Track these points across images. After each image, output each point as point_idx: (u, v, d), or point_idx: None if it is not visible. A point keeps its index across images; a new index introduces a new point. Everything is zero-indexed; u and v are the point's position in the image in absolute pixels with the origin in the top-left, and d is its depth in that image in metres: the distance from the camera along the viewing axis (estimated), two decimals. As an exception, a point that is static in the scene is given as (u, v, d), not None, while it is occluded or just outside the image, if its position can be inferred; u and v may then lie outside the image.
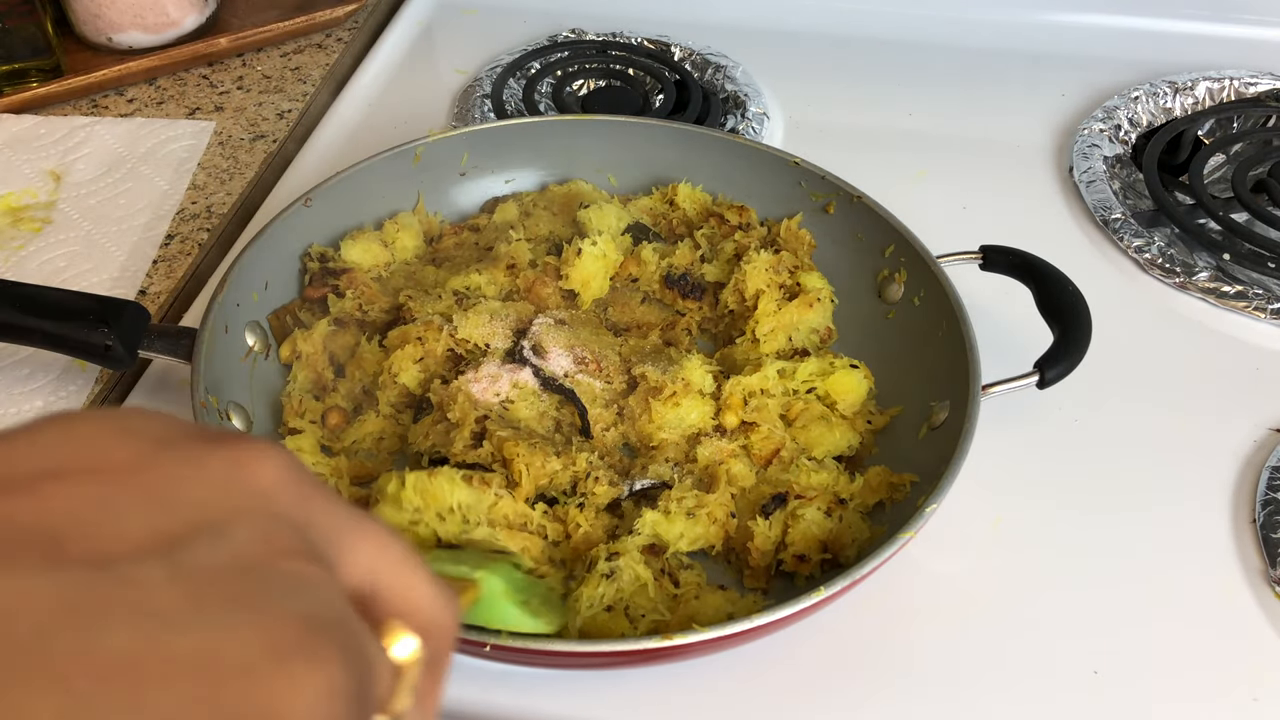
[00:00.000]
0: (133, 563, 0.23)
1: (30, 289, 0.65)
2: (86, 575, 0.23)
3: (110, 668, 0.22)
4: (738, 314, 0.72)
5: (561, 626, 0.54)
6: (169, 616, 0.23)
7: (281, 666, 0.23)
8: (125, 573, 0.23)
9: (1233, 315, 0.79)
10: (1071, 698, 0.58)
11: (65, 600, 0.22)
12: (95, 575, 0.23)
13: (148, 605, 0.23)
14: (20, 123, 0.91)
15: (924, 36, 1.07)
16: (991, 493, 0.66)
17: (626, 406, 0.66)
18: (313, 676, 0.24)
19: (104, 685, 0.21)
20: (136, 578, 0.23)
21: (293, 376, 0.68)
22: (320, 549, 0.27)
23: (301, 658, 0.24)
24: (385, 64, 1.03)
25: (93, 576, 0.23)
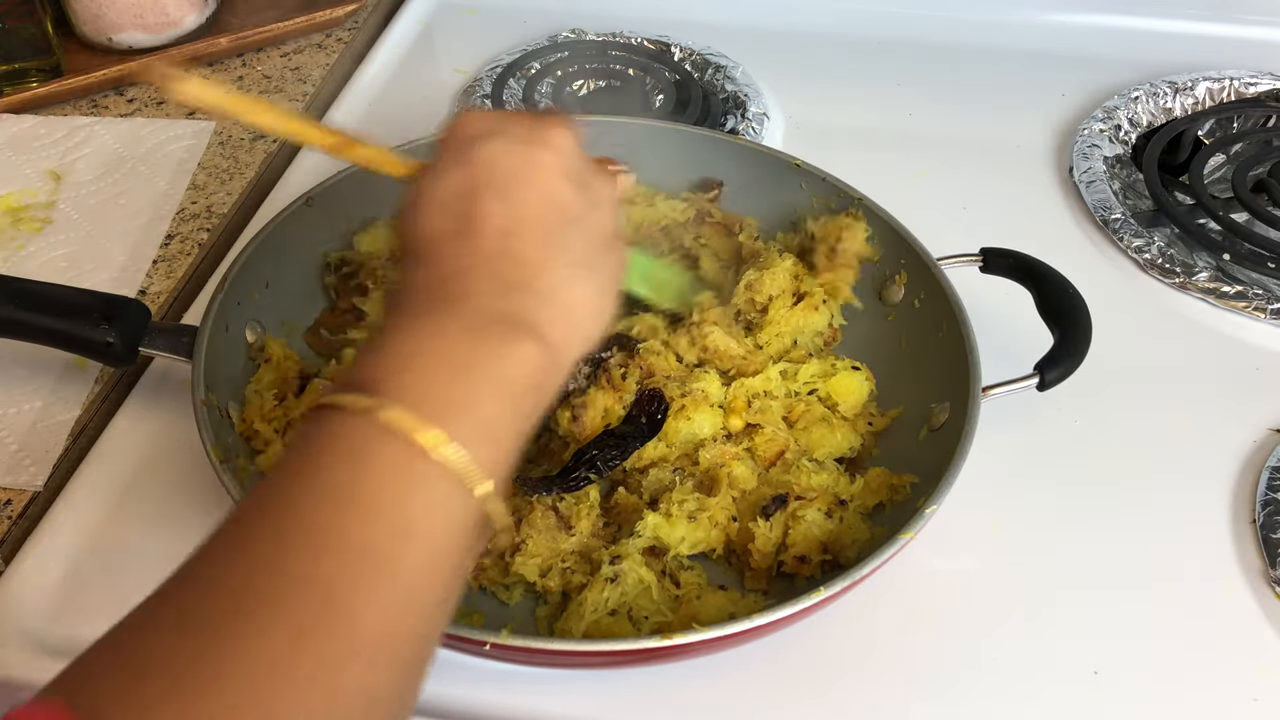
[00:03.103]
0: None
1: (32, 285, 0.65)
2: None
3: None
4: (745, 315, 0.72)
5: (676, 304, 0.68)
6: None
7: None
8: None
9: (1233, 315, 0.79)
10: (1071, 698, 0.58)
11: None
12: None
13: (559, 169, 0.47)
14: (20, 123, 0.91)
15: (924, 36, 1.07)
16: (991, 494, 0.66)
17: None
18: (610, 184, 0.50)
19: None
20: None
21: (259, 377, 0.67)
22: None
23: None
24: (385, 64, 1.03)
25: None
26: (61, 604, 0.60)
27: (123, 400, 0.71)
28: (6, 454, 0.66)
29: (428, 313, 0.43)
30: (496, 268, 0.44)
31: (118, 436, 0.69)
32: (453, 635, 0.51)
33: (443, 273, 0.44)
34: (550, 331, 0.44)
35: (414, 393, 0.40)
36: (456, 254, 0.44)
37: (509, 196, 0.45)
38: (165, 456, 0.67)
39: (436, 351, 0.42)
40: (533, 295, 0.44)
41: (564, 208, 0.46)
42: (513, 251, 0.44)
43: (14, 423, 0.68)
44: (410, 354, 0.42)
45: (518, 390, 0.43)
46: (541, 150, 0.46)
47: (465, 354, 0.42)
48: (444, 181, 0.46)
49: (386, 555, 0.37)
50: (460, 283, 0.44)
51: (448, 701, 0.56)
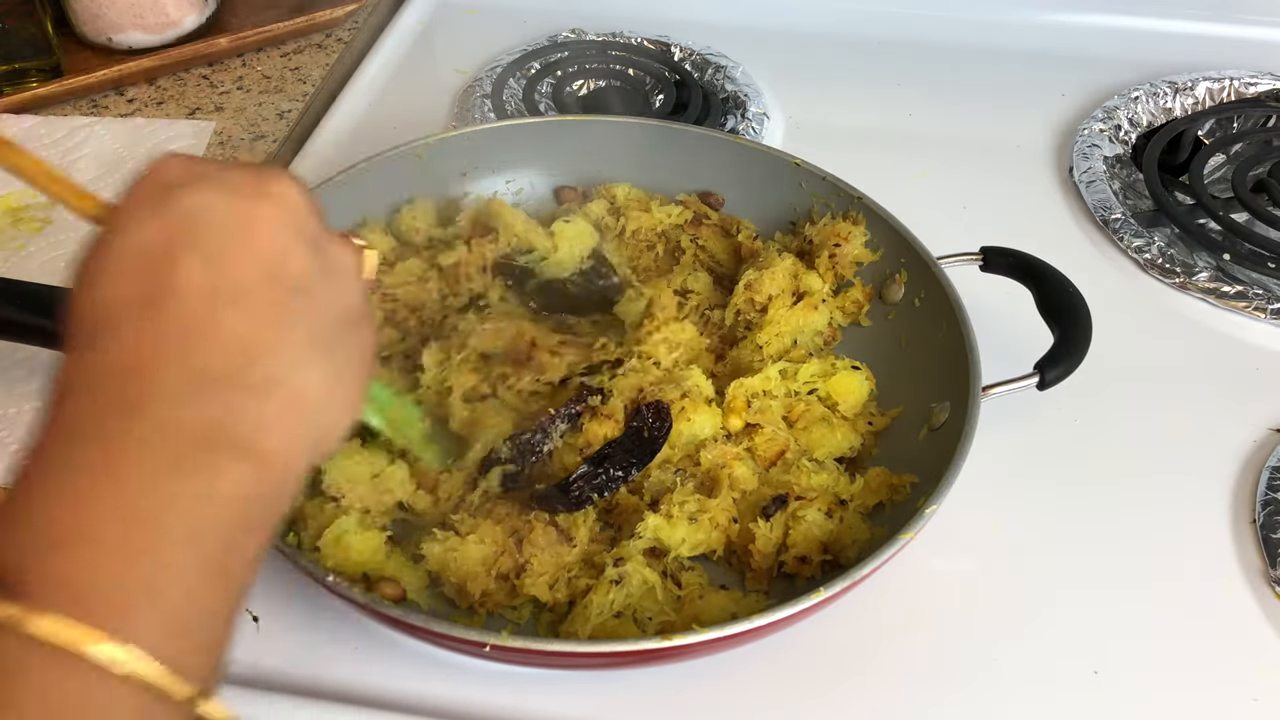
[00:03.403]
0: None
1: (31, 286, 0.65)
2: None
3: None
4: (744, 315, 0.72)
5: (414, 447, 0.61)
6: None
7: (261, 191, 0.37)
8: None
9: (1233, 315, 0.79)
10: (1071, 698, 0.58)
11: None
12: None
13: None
14: (20, 123, 0.91)
15: (924, 36, 1.07)
16: (991, 494, 0.66)
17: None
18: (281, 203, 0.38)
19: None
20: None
21: None
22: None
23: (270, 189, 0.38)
24: (385, 64, 1.03)
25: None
26: (61, 604, 0.60)
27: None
28: (6, 454, 0.66)
29: (94, 441, 0.32)
30: (194, 352, 0.34)
31: (118, 437, 0.69)
32: (453, 637, 0.51)
33: (119, 363, 0.33)
34: (267, 440, 0.34)
35: (78, 583, 0.30)
36: (138, 334, 0.34)
37: (218, 257, 0.35)
38: (165, 457, 0.67)
39: (108, 510, 0.31)
40: (243, 392, 0.34)
41: (291, 273, 0.37)
42: (219, 326, 0.34)
43: (14, 423, 0.68)
44: (69, 518, 0.31)
45: (228, 540, 0.33)
46: (263, 203, 0.37)
47: (150, 507, 0.31)
48: (133, 235, 0.35)
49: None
50: (141, 382, 0.33)
51: (448, 702, 0.56)
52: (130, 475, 0.32)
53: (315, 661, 0.58)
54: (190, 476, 0.32)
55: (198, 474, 0.33)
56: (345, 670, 0.57)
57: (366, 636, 0.59)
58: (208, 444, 0.33)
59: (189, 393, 0.33)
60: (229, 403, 0.34)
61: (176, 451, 0.32)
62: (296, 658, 0.58)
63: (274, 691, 0.55)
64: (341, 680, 0.57)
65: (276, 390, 0.35)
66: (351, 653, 0.58)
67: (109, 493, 0.31)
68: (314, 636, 0.59)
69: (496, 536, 0.58)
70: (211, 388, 0.34)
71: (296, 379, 0.36)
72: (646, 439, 0.63)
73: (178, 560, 0.32)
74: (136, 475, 0.32)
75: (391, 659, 0.58)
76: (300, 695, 0.55)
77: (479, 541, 0.58)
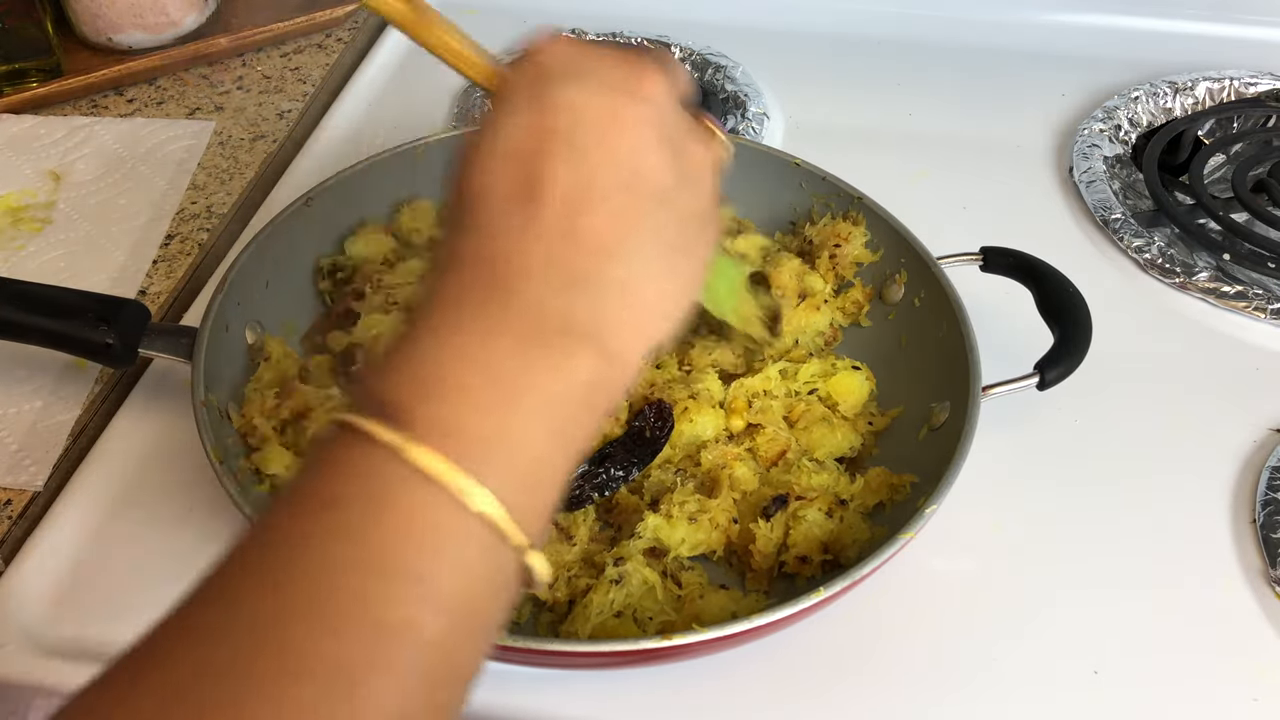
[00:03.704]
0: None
1: (30, 286, 0.65)
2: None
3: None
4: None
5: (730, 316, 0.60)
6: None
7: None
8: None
9: (1233, 315, 0.79)
10: (1071, 698, 0.58)
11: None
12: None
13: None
14: (20, 123, 0.91)
15: (924, 36, 1.07)
16: (991, 494, 0.66)
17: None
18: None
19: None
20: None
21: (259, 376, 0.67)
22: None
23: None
24: (385, 64, 1.03)
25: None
26: (61, 604, 0.60)
27: (122, 401, 0.71)
28: (6, 454, 0.66)
29: (472, 310, 0.37)
30: (559, 251, 0.37)
31: (118, 437, 0.69)
32: (453, 635, 0.51)
33: (494, 250, 0.37)
34: (614, 339, 0.38)
35: (450, 426, 0.34)
36: (511, 227, 0.37)
37: (586, 158, 0.37)
38: (165, 456, 0.67)
39: (480, 368, 0.35)
40: (599, 291, 0.37)
41: (652, 178, 0.39)
42: (580, 231, 0.37)
43: (14, 423, 0.68)
44: (448, 370, 0.35)
45: (571, 415, 0.37)
46: (634, 103, 0.38)
47: (514, 372, 0.36)
48: (510, 127, 0.38)
49: (410, 627, 0.32)
50: (513, 268, 0.37)
51: (448, 701, 0.56)
52: (500, 344, 0.36)
53: (315, 661, 0.58)
54: (549, 355, 0.36)
55: (554, 354, 0.36)
56: (345, 670, 0.57)
57: (366, 636, 0.58)
58: (564, 330, 0.37)
59: (551, 288, 0.37)
60: (585, 299, 0.37)
61: (539, 332, 0.36)
62: (296, 658, 0.58)
63: (274, 691, 0.55)
64: (341, 680, 0.57)
65: (626, 293, 0.38)
66: (351, 653, 0.58)
67: (482, 355, 0.36)
68: (314, 636, 0.59)
69: None
70: (570, 286, 0.37)
71: (646, 284, 0.39)
72: (648, 439, 0.63)
73: (532, 423, 0.36)
74: (506, 345, 0.36)
75: (391, 659, 0.58)
76: (300, 695, 0.55)
77: None
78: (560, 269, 0.37)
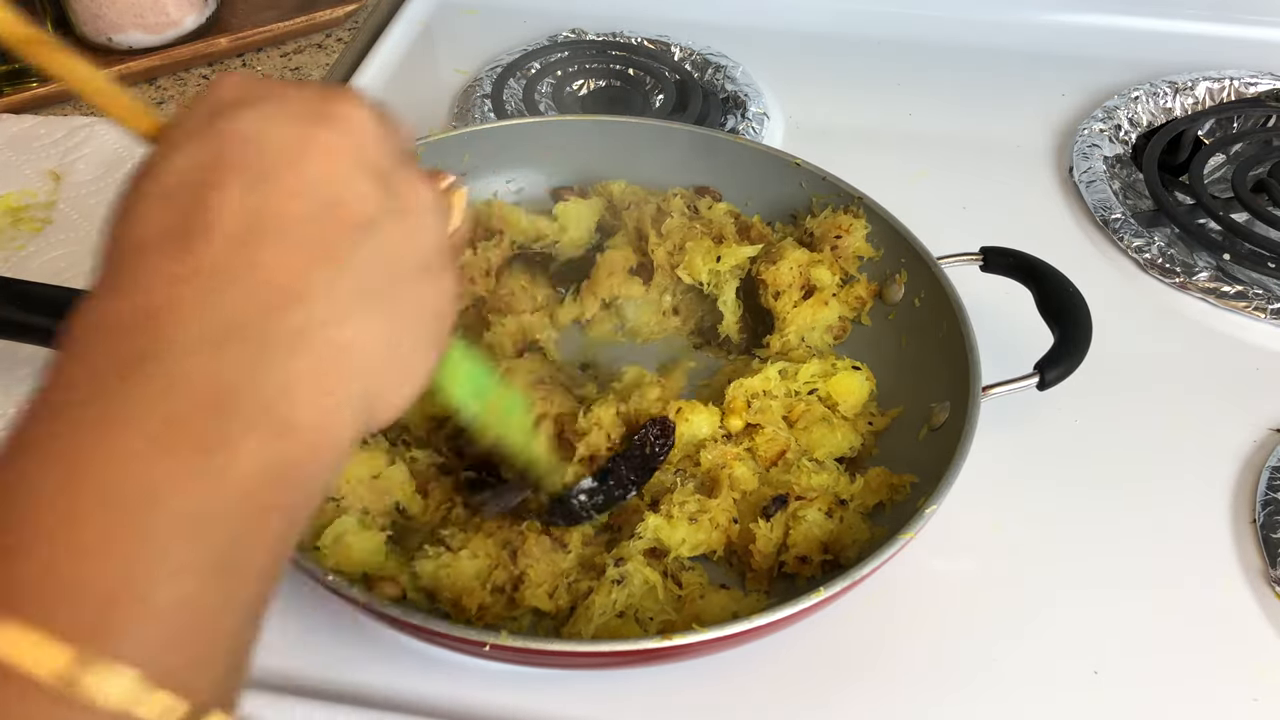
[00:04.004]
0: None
1: (31, 286, 0.65)
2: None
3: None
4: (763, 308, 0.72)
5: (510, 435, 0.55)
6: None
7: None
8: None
9: (1233, 315, 0.79)
10: (1071, 698, 0.58)
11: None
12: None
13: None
14: (20, 123, 0.91)
15: (924, 36, 1.07)
16: (991, 494, 0.66)
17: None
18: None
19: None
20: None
21: None
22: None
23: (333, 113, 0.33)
24: (385, 64, 1.03)
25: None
26: (61, 604, 0.60)
27: (123, 400, 0.71)
28: (6, 454, 0.66)
29: (94, 398, 0.27)
30: (218, 297, 0.29)
31: (118, 436, 0.69)
32: (453, 636, 0.51)
33: (134, 309, 0.28)
34: (296, 405, 0.29)
35: (50, 585, 0.24)
36: (161, 274, 0.29)
37: (263, 184, 0.30)
38: (165, 456, 0.67)
39: (96, 489, 0.26)
40: (272, 342, 0.29)
41: (348, 207, 0.31)
42: (252, 267, 0.29)
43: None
44: (47, 502, 0.25)
45: (240, 528, 0.27)
46: (323, 127, 0.32)
47: (139, 487, 0.26)
48: (174, 159, 0.31)
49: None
50: (157, 328, 0.28)
51: (447, 702, 0.56)
52: (124, 447, 0.26)
53: (314, 661, 0.58)
54: (193, 449, 0.27)
55: (204, 445, 0.27)
56: (344, 670, 0.57)
57: (366, 636, 0.59)
58: (220, 408, 0.27)
59: (207, 346, 0.28)
60: (253, 357, 0.28)
61: (182, 417, 0.27)
62: (295, 657, 0.58)
63: (272, 690, 0.55)
64: (341, 680, 0.57)
65: (312, 343, 0.30)
66: (351, 652, 0.58)
67: (98, 468, 0.26)
68: (313, 636, 0.59)
69: (489, 549, 0.58)
70: (234, 339, 0.28)
71: (339, 332, 0.30)
72: (649, 454, 0.63)
73: (174, 552, 0.26)
74: (131, 447, 0.26)
75: (391, 659, 0.58)
76: (299, 695, 0.55)
77: (472, 556, 0.57)
78: (218, 323, 0.28)
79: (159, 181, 0.31)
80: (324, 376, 0.30)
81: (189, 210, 0.30)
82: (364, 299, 0.31)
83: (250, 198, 0.30)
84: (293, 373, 0.29)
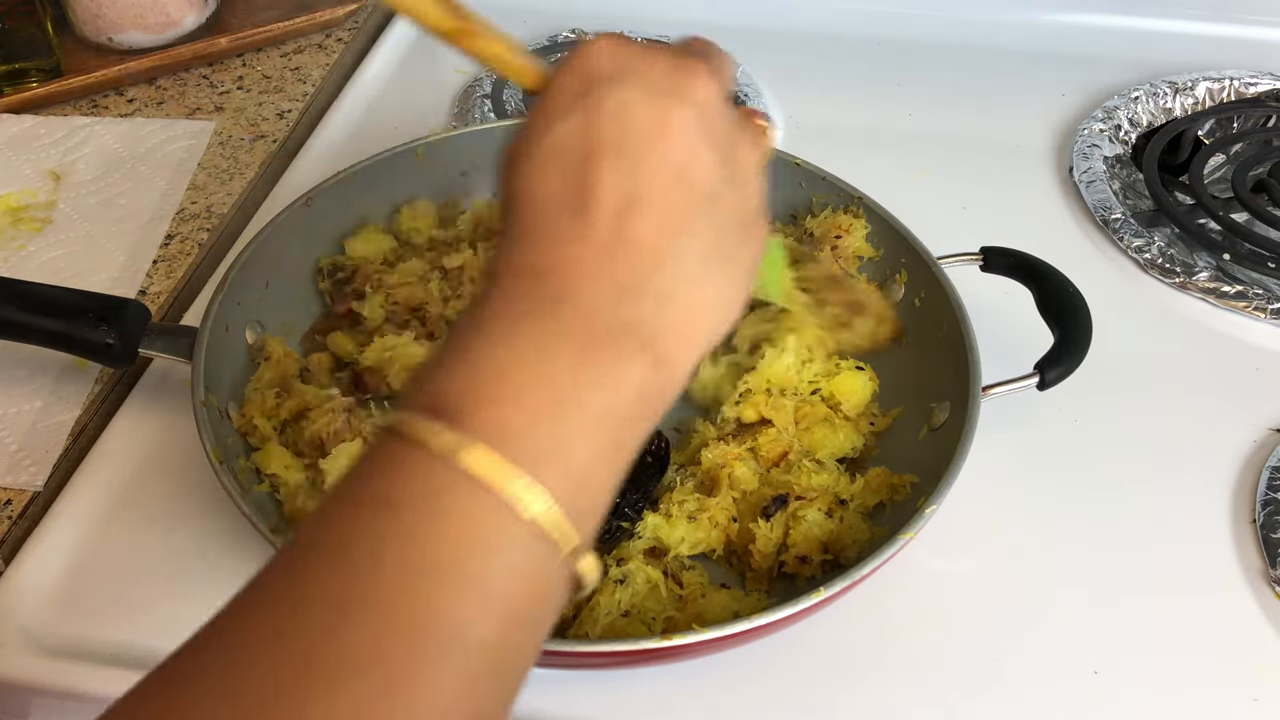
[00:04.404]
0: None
1: (30, 286, 0.65)
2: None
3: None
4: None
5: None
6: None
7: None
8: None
9: (1233, 315, 0.79)
10: (1071, 698, 0.58)
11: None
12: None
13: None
14: (20, 123, 0.91)
15: (924, 36, 1.07)
16: (991, 494, 0.66)
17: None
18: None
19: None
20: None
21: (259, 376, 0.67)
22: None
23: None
24: (385, 64, 1.03)
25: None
26: (61, 604, 0.60)
27: (122, 401, 0.71)
28: (6, 454, 0.66)
29: (525, 318, 0.37)
30: (611, 260, 0.37)
31: (118, 437, 0.69)
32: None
33: (545, 259, 0.37)
34: (666, 345, 0.38)
35: (505, 429, 0.34)
36: (564, 235, 0.37)
37: (635, 164, 0.37)
38: (165, 456, 0.67)
39: (535, 374, 0.36)
40: (650, 299, 0.38)
41: (699, 182, 0.38)
42: (630, 237, 0.37)
43: (14, 423, 0.68)
44: (502, 374, 0.35)
45: (623, 423, 0.37)
46: (682, 106, 0.38)
47: (568, 378, 0.36)
48: (560, 130, 0.38)
49: (462, 628, 0.32)
50: (564, 277, 0.37)
51: (448, 701, 0.56)
52: (554, 351, 0.36)
53: (315, 661, 0.58)
54: (601, 363, 0.36)
55: (607, 362, 0.37)
56: (345, 670, 0.57)
57: (366, 636, 0.58)
58: (616, 338, 0.37)
59: (602, 293, 0.37)
60: (636, 307, 0.37)
61: (591, 340, 0.36)
62: (296, 658, 0.58)
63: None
64: (341, 680, 0.57)
65: (677, 300, 0.38)
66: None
67: (536, 362, 0.36)
68: (314, 636, 0.59)
69: None
70: (622, 292, 0.37)
71: (696, 290, 0.39)
72: (650, 463, 0.63)
73: (586, 428, 0.36)
74: (560, 352, 0.36)
75: (391, 659, 0.58)
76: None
77: None
78: (611, 277, 0.37)
79: (551, 144, 0.38)
80: (685, 326, 0.39)
81: (578, 179, 0.37)
82: (715, 261, 0.39)
83: (622, 173, 0.37)
84: (665, 322, 0.38)
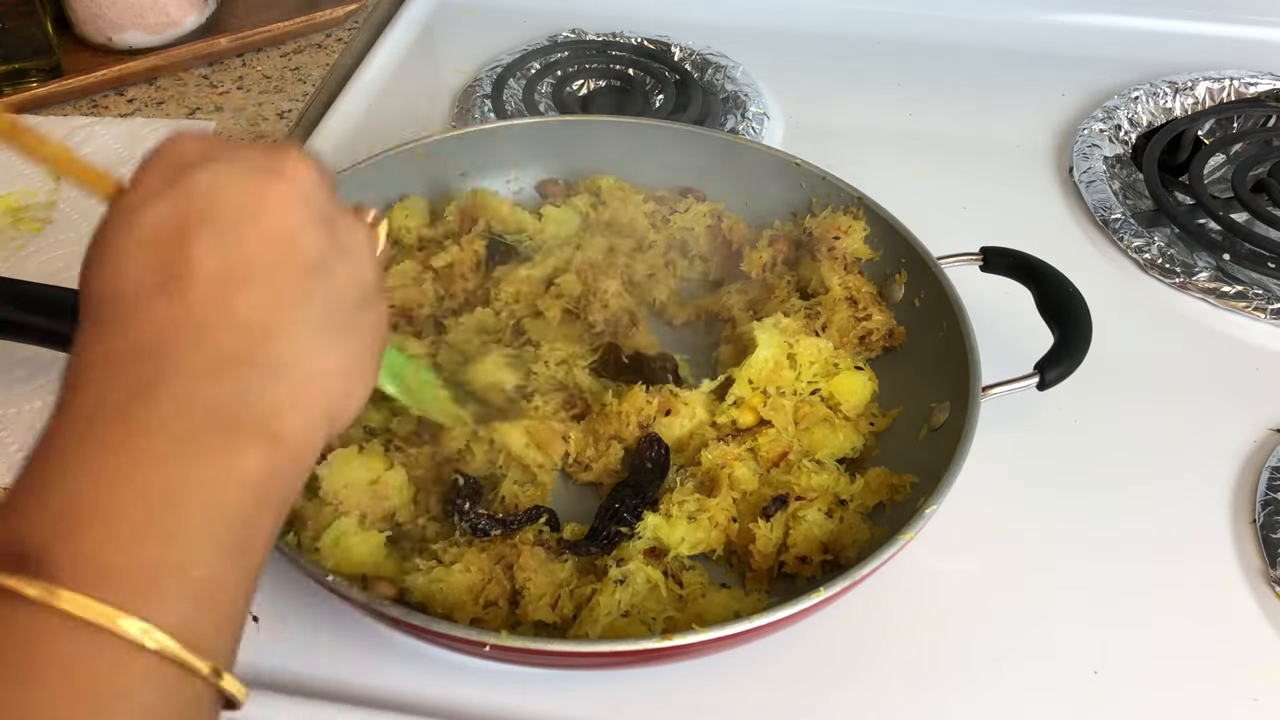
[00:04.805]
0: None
1: (30, 286, 0.65)
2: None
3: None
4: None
5: (433, 413, 0.61)
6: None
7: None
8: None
9: (1233, 315, 0.79)
10: (1071, 698, 0.58)
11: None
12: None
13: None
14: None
15: (924, 36, 1.07)
16: (991, 494, 0.66)
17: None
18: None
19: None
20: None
21: None
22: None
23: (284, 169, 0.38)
24: (385, 64, 1.03)
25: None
26: (61, 604, 0.60)
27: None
28: (6, 454, 0.66)
29: (113, 420, 0.32)
30: (208, 335, 0.34)
31: (118, 437, 0.69)
32: (453, 636, 0.51)
33: (137, 345, 0.34)
34: (284, 421, 0.35)
35: (101, 563, 0.30)
36: (155, 317, 0.34)
37: (235, 238, 0.35)
38: (165, 457, 0.67)
39: (128, 486, 0.31)
40: (259, 371, 0.35)
41: (304, 252, 0.37)
42: (234, 309, 0.35)
43: (14, 423, 0.68)
44: (89, 496, 0.31)
45: (243, 518, 0.34)
46: (279, 180, 0.37)
47: (168, 484, 0.32)
48: (148, 217, 0.36)
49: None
50: (159, 362, 0.33)
51: (448, 702, 0.56)
52: (150, 455, 0.32)
53: (315, 661, 0.58)
54: (209, 456, 0.33)
55: (216, 454, 0.33)
56: (345, 670, 0.57)
57: (366, 636, 0.58)
58: (225, 425, 0.34)
59: (205, 375, 0.34)
60: (245, 384, 0.34)
61: (195, 432, 0.33)
62: (296, 657, 0.58)
63: (273, 691, 0.55)
64: (341, 680, 0.57)
65: (291, 371, 0.36)
66: (351, 653, 0.58)
67: (130, 472, 0.32)
68: (313, 636, 0.59)
69: (482, 564, 0.57)
70: (227, 370, 0.34)
71: (311, 360, 0.36)
72: (649, 469, 0.63)
73: (198, 538, 0.32)
74: (157, 455, 0.32)
75: (391, 659, 0.58)
76: (300, 695, 0.55)
77: (464, 570, 0.57)
78: (212, 353, 0.34)
79: (133, 235, 0.36)
80: (302, 398, 0.36)
81: (171, 259, 0.35)
82: (326, 331, 0.37)
83: (221, 247, 0.35)
84: (279, 396, 0.35)
